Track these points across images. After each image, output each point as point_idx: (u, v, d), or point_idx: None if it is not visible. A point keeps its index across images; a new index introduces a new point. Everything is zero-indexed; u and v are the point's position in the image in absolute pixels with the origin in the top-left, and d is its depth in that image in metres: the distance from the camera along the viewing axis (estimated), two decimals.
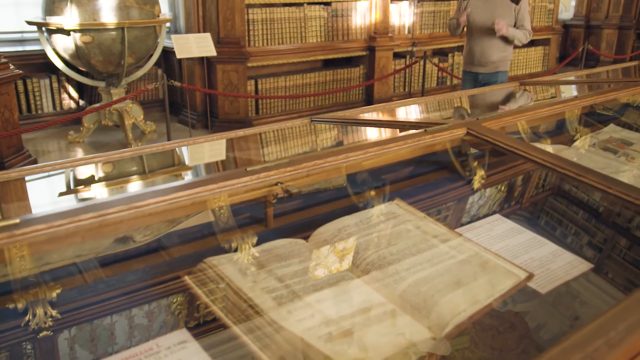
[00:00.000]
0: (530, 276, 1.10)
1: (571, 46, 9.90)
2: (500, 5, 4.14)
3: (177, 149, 1.84)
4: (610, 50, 9.59)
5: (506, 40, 4.17)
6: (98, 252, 1.14)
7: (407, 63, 6.67)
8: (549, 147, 1.72)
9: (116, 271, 1.14)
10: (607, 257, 1.37)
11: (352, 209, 1.25)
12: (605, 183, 1.34)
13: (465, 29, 4.38)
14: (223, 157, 1.85)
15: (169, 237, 1.19)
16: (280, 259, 1.08)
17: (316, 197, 1.35)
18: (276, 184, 1.21)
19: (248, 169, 1.21)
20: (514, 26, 4.15)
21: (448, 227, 1.22)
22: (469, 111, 2.49)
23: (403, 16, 6.76)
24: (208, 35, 5.09)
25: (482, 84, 4.23)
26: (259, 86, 5.78)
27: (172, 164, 1.78)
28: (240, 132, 1.88)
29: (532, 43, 8.02)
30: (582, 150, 1.77)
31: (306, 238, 1.19)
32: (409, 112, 2.39)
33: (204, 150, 1.82)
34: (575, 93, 3.14)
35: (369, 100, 6.53)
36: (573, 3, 10.19)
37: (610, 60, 9.16)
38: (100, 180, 1.65)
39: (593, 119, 2.09)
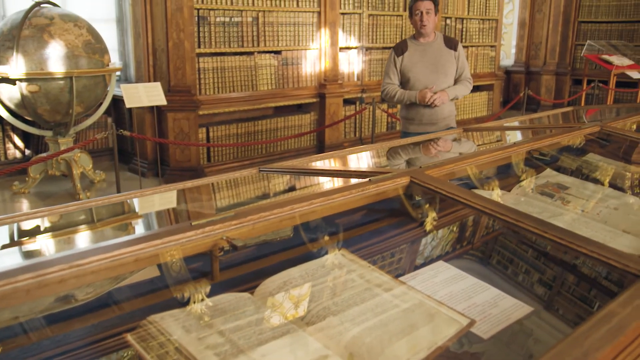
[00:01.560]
0: (472, 322, 1.12)
1: (513, 91, 10.34)
2: (440, 55, 3.72)
3: (124, 201, 1.82)
4: (549, 95, 10.07)
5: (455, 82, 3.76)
6: (37, 313, 1.11)
7: (357, 109, 6.82)
8: (489, 193, 1.78)
9: (56, 331, 1.12)
10: (547, 300, 1.41)
11: (298, 260, 1.26)
12: (542, 228, 1.40)
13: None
14: (170, 209, 1.84)
15: (112, 295, 1.17)
16: (225, 313, 1.08)
17: (262, 249, 1.36)
18: (222, 238, 1.22)
19: (193, 223, 1.22)
20: (456, 74, 3.76)
21: (392, 276, 1.25)
22: (413, 159, 2.56)
23: (352, 64, 6.95)
24: (158, 84, 5.10)
25: None
26: (211, 134, 5.79)
27: (118, 218, 1.76)
28: (189, 184, 1.88)
29: (477, 88, 8.34)
30: (521, 196, 1.84)
31: (253, 291, 1.19)
32: (357, 160, 2.44)
33: (151, 202, 1.80)
34: (519, 137, 3.27)
35: (320, 146, 6.62)
36: (513, 50, 10.70)
37: (550, 105, 9.59)
38: (43, 233, 1.61)
39: (531, 164, 2.18)
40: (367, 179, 1.56)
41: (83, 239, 1.62)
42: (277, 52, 6.18)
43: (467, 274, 1.34)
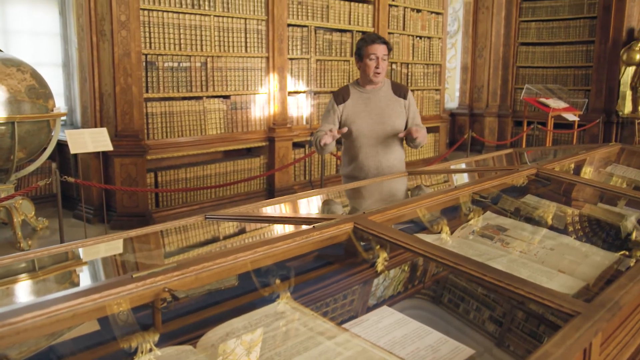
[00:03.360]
0: None
1: (458, 132, 10.68)
2: (387, 104, 3.31)
3: (65, 252, 1.78)
4: (492, 136, 10.44)
5: (399, 143, 3.39)
6: None
7: (306, 152, 6.88)
8: (431, 237, 1.82)
9: None
10: (489, 342, 1.45)
11: (242, 310, 1.25)
12: (481, 271, 1.44)
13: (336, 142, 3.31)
14: (112, 260, 1.80)
15: (48, 352, 1.14)
16: None
17: (206, 299, 1.35)
18: (164, 289, 1.20)
19: (134, 275, 1.20)
20: (406, 125, 3.35)
21: (335, 323, 1.25)
22: (359, 204, 2.59)
23: (301, 108, 7.04)
24: (104, 130, 5.03)
25: None
26: (159, 179, 5.72)
27: (58, 269, 1.71)
28: (132, 233, 1.85)
29: None
30: (462, 238, 1.89)
31: (196, 342, 1.18)
32: (304, 204, 2.46)
33: (93, 252, 1.76)
34: (461, 179, 3.37)
35: (270, 189, 6.62)
36: (457, 94, 11.10)
37: (493, 146, 9.93)
38: None
39: (472, 206, 2.25)
40: (311, 226, 1.58)
41: (19, 292, 1.56)
42: (226, 97, 6.21)
43: (411, 319, 1.36)
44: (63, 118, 5.41)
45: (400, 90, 3.39)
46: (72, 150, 4.78)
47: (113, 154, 5.31)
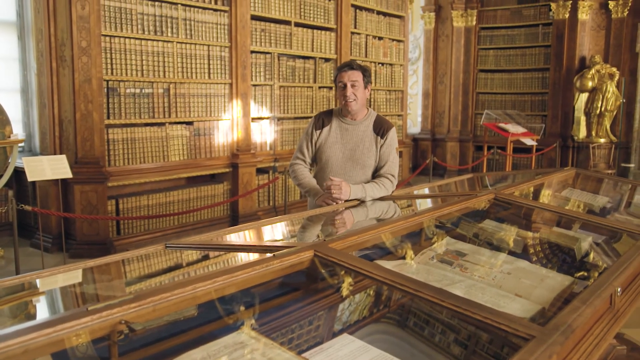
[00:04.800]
0: None
1: (421, 157, 10.87)
2: (362, 140, 3.15)
3: (18, 284, 1.73)
4: (454, 160, 10.64)
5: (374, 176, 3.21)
6: None
7: (270, 178, 6.88)
8: (391, 264, 1.84)
9: None
10: None
11: (201, 341, 1.24)
12: (439, 297, 1.46)
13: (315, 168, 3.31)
14: (68, 292, 1.76)
15: None
16: None
17: (164, 331, 1.33)
18: (120, 322, 1.18)
19: (90, 308, 1.18)
20: (375, 165, 3.19)
21: (296, 352, 1.25)
22: (320, 231, 2.60)
23: (264, 133, 7.05)
24: (63, 157, 4.94)
25: None
26: (120, 206, 5.63)
27: (11, 302, 1.66)
28: (90, 262, 1.82)
29: None
30: (422, 264, 1.92)
31: None
32: (266, 232, 2.46)
33: (48, 284, 1.72)
34: (421, 205, 3.41)
35: (234, 216, 6.58)
36: (419, 119, 11.30)
37: (455, 170, 10.11)
38: None
39: (432, 232, 2.28)
40: (271, 254, 1.58)
41: None
42: (189, 123, 6.19)
43: (371, 346, 1.36)
44: (21, 144, 5.30)
45: (379, 128, 3.20)
46: (30, 178, 4.67)
47: (73, 181, 5.21)
